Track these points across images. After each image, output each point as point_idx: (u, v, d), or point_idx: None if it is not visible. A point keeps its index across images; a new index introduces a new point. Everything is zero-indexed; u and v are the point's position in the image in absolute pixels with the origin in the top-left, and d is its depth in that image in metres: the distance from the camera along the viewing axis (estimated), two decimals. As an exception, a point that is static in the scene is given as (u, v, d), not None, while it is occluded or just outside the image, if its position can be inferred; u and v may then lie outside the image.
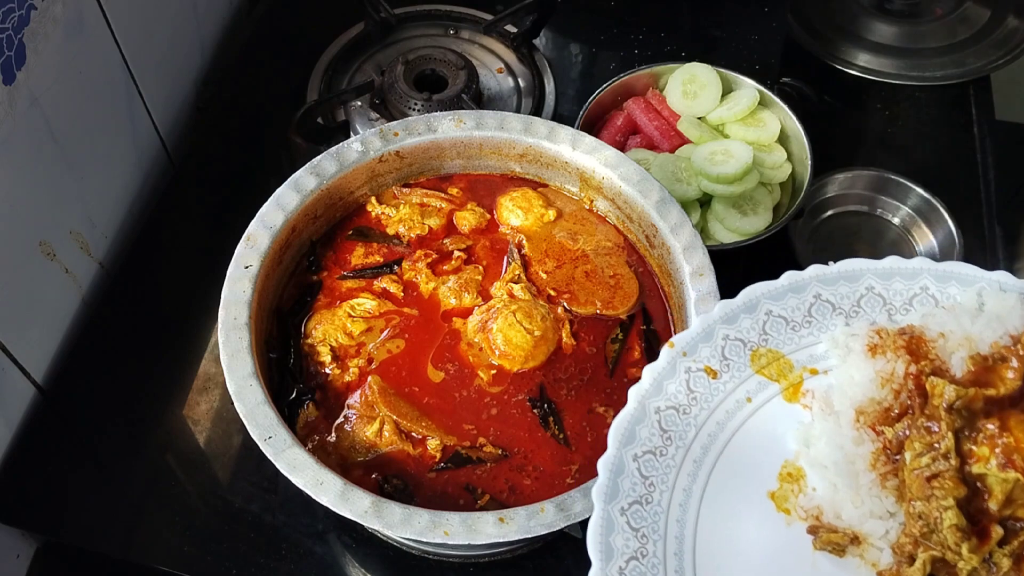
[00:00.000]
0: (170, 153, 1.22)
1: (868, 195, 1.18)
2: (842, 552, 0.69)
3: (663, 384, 0.74)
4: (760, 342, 0.76)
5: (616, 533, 0.68)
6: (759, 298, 0.77)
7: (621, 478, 0.70)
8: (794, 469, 0.73)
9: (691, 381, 0.74)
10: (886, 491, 0.69)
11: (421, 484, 0.81)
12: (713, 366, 0.75)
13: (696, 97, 1.13)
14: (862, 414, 0.72)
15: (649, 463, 0.71)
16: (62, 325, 1.04)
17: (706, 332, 0.76)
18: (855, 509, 0.69)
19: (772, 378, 0.75)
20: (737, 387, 0.75)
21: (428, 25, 1.29)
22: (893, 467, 0.69)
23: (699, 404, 0.74)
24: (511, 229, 0.95)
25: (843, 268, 0.77)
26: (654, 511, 0.70)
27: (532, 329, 0.87)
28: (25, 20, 0.87)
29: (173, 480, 0.95)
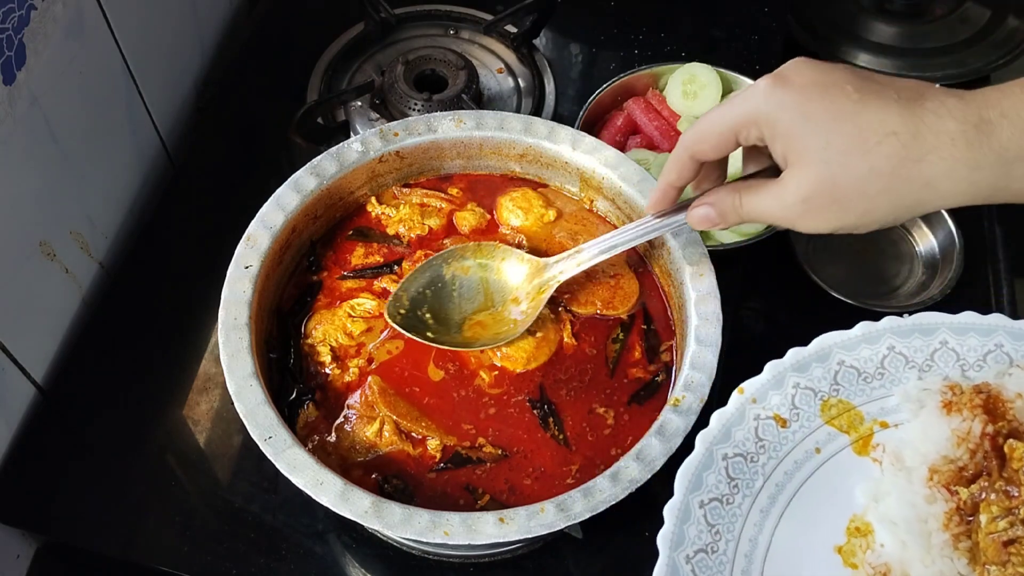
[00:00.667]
0: (170, 153, 1.22)
1: (868, 195, 1.18)
2: None
3: (731, 431, 0.74)
4: (831, 392, 0.76)
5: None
6: (832, 347, 0.77)
7: (687, 525, 0.71)
8: (862, 524, 0.73)
9: (760, 429, 0.75)
10: (958, 552, 0.69)
11: (421, 484, 0.81)
12: (783, 414, 0.75)
13: (696, 97, 1.12)
14: (936, 472, 0.71)
15: (716, 511, 0.72)
16: (62, 325, 1.04)
17: (776, 379, 0.76)
18: (925, 568, 0.69)
19: (842, 429, 0.75)
20: (806, 437, 0.75)
21: (428, 25, 1.29)
22: (966, 528, 0.69)
23: (767, 453, 0.74)
24: (511, 229, 0.95)
25: (918, 321, 0.77)
26: (719, 560, 0.70)
27: (534, 330, 0.87)
28: (25, 20, 0.87)
29: (173, 480, 0.95)
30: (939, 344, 0.77)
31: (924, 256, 1.13)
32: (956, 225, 1.11)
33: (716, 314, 0.83)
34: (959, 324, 0.78)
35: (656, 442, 0.76)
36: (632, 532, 0.91)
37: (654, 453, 0.76)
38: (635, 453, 0.76)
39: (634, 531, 0.91)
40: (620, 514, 0.74)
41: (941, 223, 1.12)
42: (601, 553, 0.91)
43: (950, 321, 0.78)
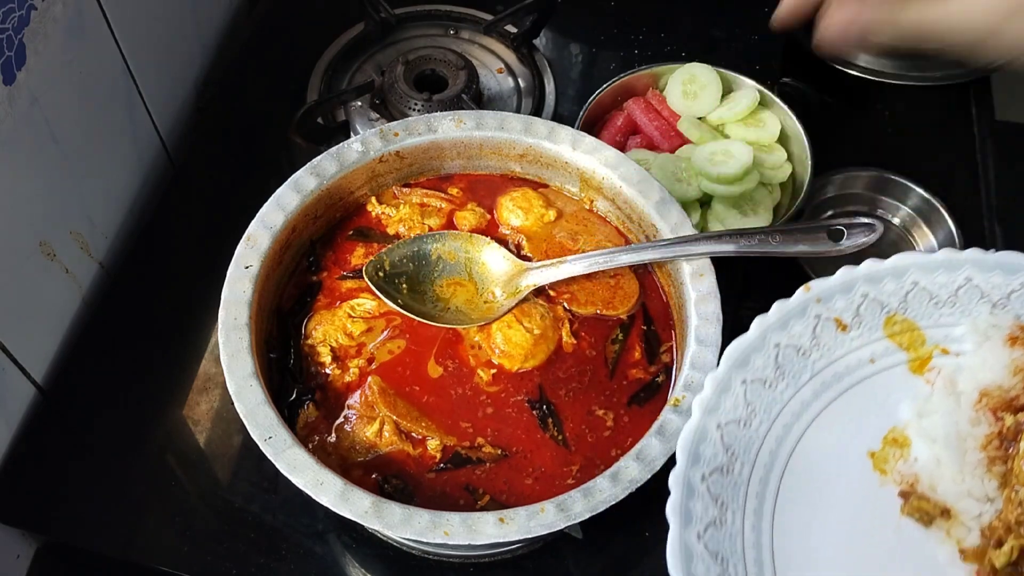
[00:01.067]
0: (170, 153, 1.22)
1: (868, 195, 1.18)
2: (929, 522, 0.69)
3: (790, 322, 0.74)
4: (899, 309, 0.75)
5: (707, 443, 0.69)
6: (909, 266, 0.76)
7: (725, 396, 0.71)
8: (900, 436, 0.73)
9: (819, 327, 0.74)
10: (990, 475, 0.69)
11: (421, 484, 0.81)
12: (844, 319, 0.75)
13: (696, 97, 1.12)
14: (986, 396, 0.71)
15: (756, 390, 0.72)
16: (62, 325, 1.04)
17: (846, 285, 0.75)
18: (954, 485, 0.70)
19: (902, 347, 0.75)
20: (864, 346, 0.75)
21: (428, 25, 1.29)
22: (1004, 454, 0.69)
23: (820, 351, 0.74)
24: (511, 229, 0.95)
25: (1001, 259, 0.76)
26: (750, 435, 0.71)
27: (531, 328, 0.87)
28: (25, 20, 0.87)
29: (173, 480, 0.95)
30: (1019, 285, 0.75)
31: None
32: (956, 225, 1.11)
33: (716, 314, 0.84)
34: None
35: (656, 442, 0.76)
36: (632, 532, 0.91)
37: (654, 453, 0.76)
38: (635, 453, 0.76)
39: (634, 531, 0.91)
40: (620, 514, 0.74)
41: (941, 223, 1.12)
42: (601, 553, 0.91)
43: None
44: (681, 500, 0.68)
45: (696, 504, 0.69)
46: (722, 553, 0.68)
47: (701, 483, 0.69)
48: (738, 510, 0.70)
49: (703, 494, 0.69)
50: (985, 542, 0.68)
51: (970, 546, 0.68)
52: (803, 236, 0.84)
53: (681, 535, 0.68)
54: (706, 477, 0.69)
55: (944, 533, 0.70)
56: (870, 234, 0.82)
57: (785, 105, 1.11)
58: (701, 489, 0.69)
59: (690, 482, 0.69)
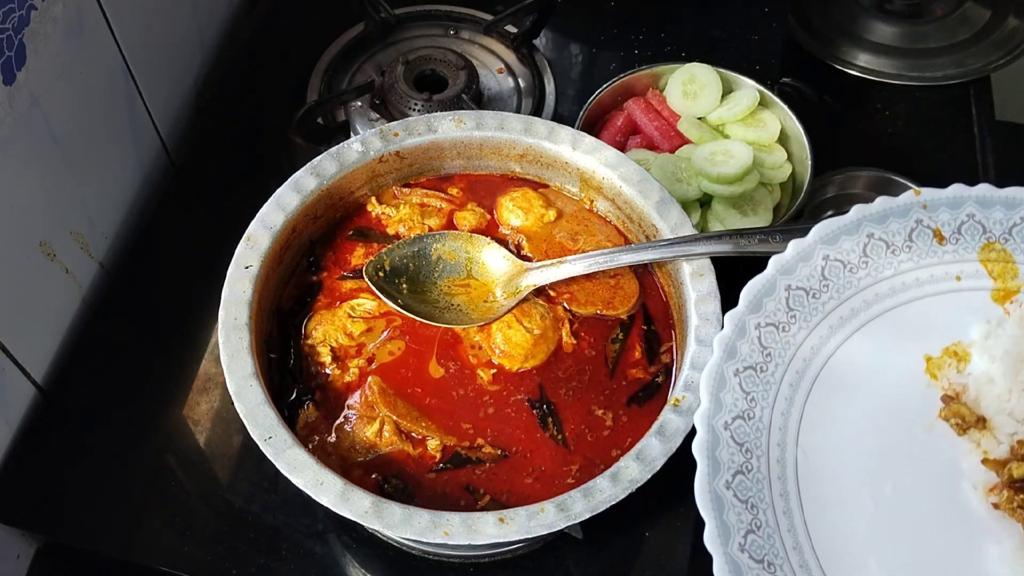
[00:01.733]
0: (170, 153, 1.22)
1: (868, 195, 1.18)
2: (964, 430, 0.71)
3: (888, 219, 0.75)
4: (1000, 238, 0.76)
5: (745, 341, 0.71)
6: (1023, 201, 0.76)
7: (804, 264, 0.73)
8: (962, 350, 0.74)
9: (916, 232, 0.75)
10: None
11: (421, 484, 0.81)
12: (944, 232, 0.76)
13: (696, 97, 1.12)
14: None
15: (835, 270, 0.74)
16: (62, 325, 1.04)
17: (955, 200, 0.76)
18: (998, 402, 0.71)
19: (992, 274, 0.76)
20: (955, 262, 0.76)
21: (428, 25, 1.29)
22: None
23: (911, 254, 0.75)
24: (511, 229, 0.95)
25: None
26: (815, 307, 0.72)
27: (531, 328, 0.87)
28: (25, 20, 0.87)
29: (173, 480, 0.95)
30: None
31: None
32: (956, 225, 1.11)
33: (716, 314, 0.84)
34: None
35: (656, 442, 0.76)
36: (632, 532, 0.91)
37: (654, 453, 0.76)
38: (635, 453, 0.76)
39: (634, 531, 0.91)
40: (620, 514, 0.74)
41: (941, 223, 1.12)
42: (601, 553, 0.91)
43: None
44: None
45: (727, 396, 0.70)
46: (748, 444, 0.69)
47: (735, 376, 0.71)
48: (767, 406, 0.71)
49: (735, 387, 0.70)
50: (1011, 456, 0.70)
51: (996, 456, 0.70)
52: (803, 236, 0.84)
53: (710, 422, 0.69)
54: (740, 372, 0.71)
55: (975, 444, 0.71)
56: None
57: (785, 105, 1.11)
58: (734, 382, 0.70)
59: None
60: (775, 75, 1.26)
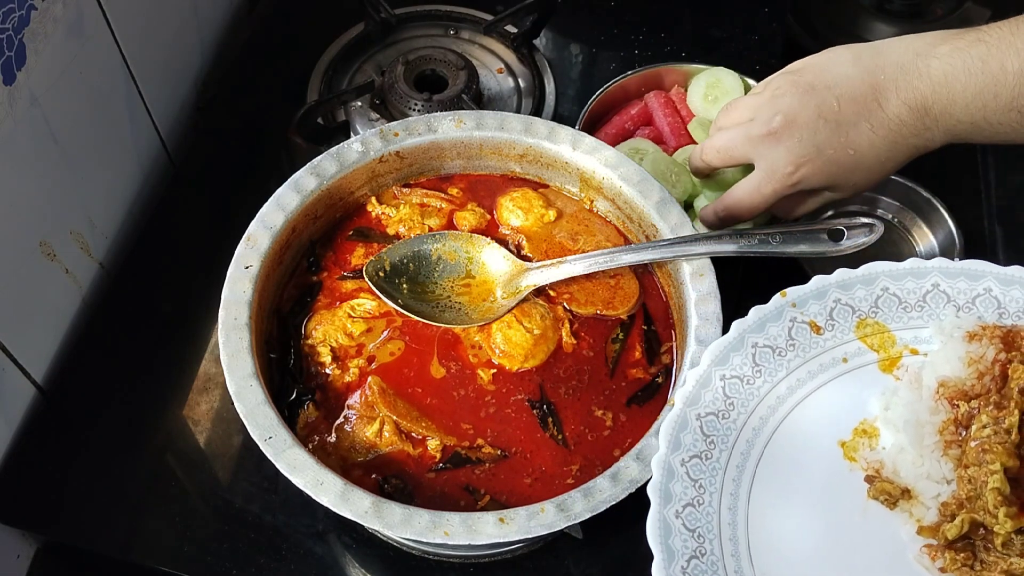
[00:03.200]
0: (170, 153, 1.22)
1: (868, 195, 1.18)
2: (893, 504, 0.74)
3: (766, 325, 0.79)
4: (870, 313, 0.81)
5: (688, 432, 0.75)
6: (879, 275, 0.81)
7: (705, 390, 0.77)
8: (870, 427, 0.78)
9: (793, 330, 0.80)
10: (947, 458, 0.75)
11: (421, 484, 0.81)
12: (818, 322, 0.80)
13: (717, 102, 1.12)
14: (943, 386, 0.77)
15: (734, 386, 0.78)
16: (62, 325, 1.04)
17: (819, 291, 0.81)
18: (914, 468, 0.75)
19: (873, 348, 0.80)
20: (837, 346, 0.80)
21: (428, 25, 1.29)
22: (959, 439, 0.75)
23: (796, 351, 0.79)
24: (511, 229, 0.95)
25: (966, 266, 0.82)
26: (728, 426, 0.76)
27: (531, 328, 0.87)
28: (25, 20, 0.87)
29: (173, 480, 0.95)
30: (983, 290, 0.81)
31: (924, 256, 1.13)
32: (956, 225, 1.11)
33: (716, 314, 0.84)
34: (1006, 276, 0.81)
35: (656, 442, 0.76)
36: (632, 532, 0.91)
37: (654, 453, 0.76)
38: (635, 453, 0.77)
39: (634, 531, 0.90)
40: (620, 514, 0.74)
41: (941, 223, 1.12)
42: (601, 553, 0.91)
43: (998, 272, 0.81)
44: (662, 481, 0.73)
45: (676, 485, 0.73)
46: (699, 530, 0.72)
47: (681, 467, 0.74)
48: (715, 492, 0.74)
49: (683, 476, 0.74)
50: (941, 518, 0.73)
51: (929, 523, 0.73)
52: (803, 236, 0.84)
53: (661, 512, 0.72)
54: (686, 462, 0.74)
55: (907, 514, 0.74)
56: (870, 234, 0.83)
57: None
58: (681, 472, 0.74)
59: (670, 466, 0.74)
60: (775, 75, 1.26)
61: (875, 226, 0.84)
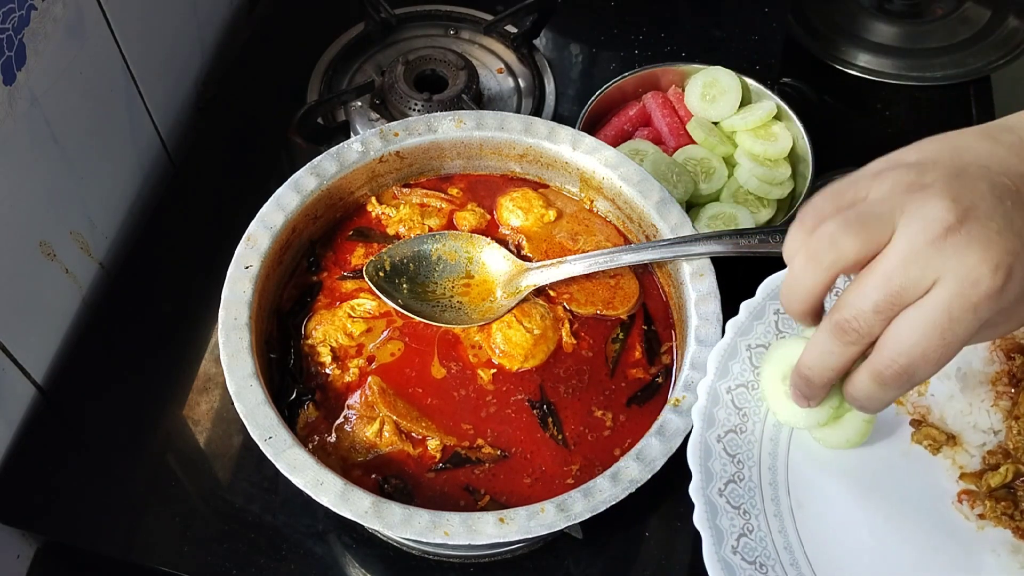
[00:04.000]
0: (170, 153, 1.22)
1: (868, 195, 1.18)
2: (936, 450, 0.75)
3: None
4: None
5: (720, 407, 0.75)
6: None
7: (733, 362, 0.76)
8: None
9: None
10: (996, 409, 0.75)
11: (421, 484, 0.81)
12: None
13: (714, 101, 1.12)
14: (1001, 339, 0.77)
15: (761, 354, 0.76)
16: (62, 325, 1.04)
17: None
18: (962, 417, 0.75)
19: None
20: None
21: (428, 25, 1.29)
22: (1010, 391, 0.75)
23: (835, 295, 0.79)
24: (511, 230, 0.95)
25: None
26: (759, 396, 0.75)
27: (531, 328, 0.87)
28: (25, 20, 0.87)
29: (173, 480, 0.95)
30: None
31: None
32: (956, 225, 1.11)
33: (716, 314, 0.84)
34: None
35: (656, 442, 0.76)
36: (632, 532, 0.91)
37: (654, 453, 0.76)
38: (635, 453, 0.76)
39: (634, 531, 0.91)
40: (620, 514, 0.74)
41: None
42: (601, 553, 0.91)
43: None
44: (706, 406, 0.74)
45: (720, 411, 0.74)
46: (740, 456, 0.73)
47: (727, 394, 0.74)
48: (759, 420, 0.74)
49: (727, 404, 0.74)
50: (985, 467, 0.73)
51: (971, 470, 0.74)
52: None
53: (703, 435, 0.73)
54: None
55: (950, 460, 0.74)
56: None
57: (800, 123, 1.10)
58: (727, 400, 0.74)
59: (716, 392, 0.75)
60: (775, 75, 1.26)
61: None
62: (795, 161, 1.11)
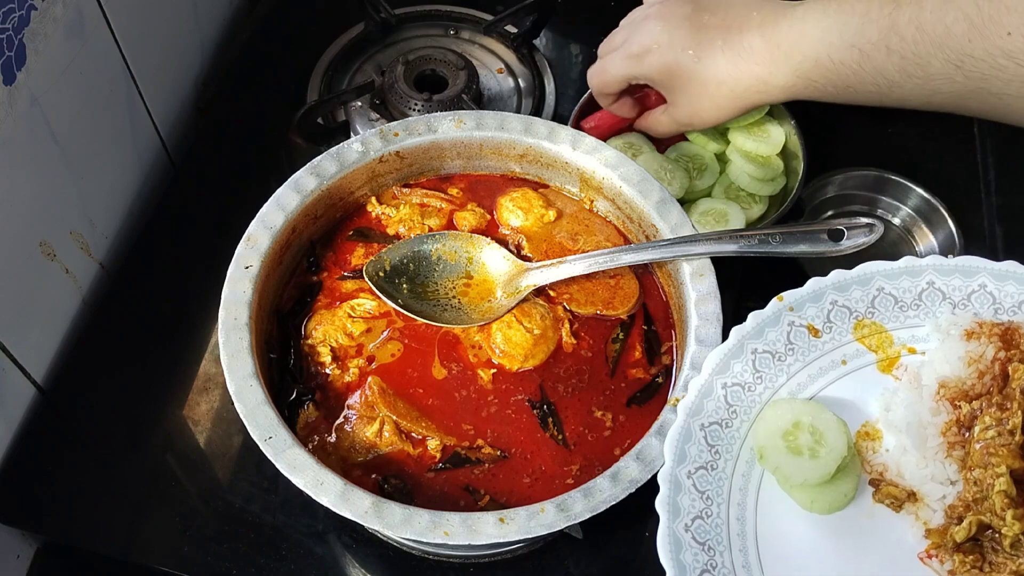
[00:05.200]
0: (170, 153, 1.22)
1: (868, 195, 1.18)
2: (899, 507, 0.74)
3: (765, 330, 0.79)
4: (866, 314, 0.81)
5: (692, 443, 0.75)
6: (874, 274, 0.81)
7: (708, 400, 0.76)
8: (872, 430, 0.78)
9: (792, 334, 0.80)
10: (951, 459, 0.74)
11: (421, 484, 0.81)
12: (816, 325, 0.80)
13: None
14: (944, 387, 0.77)
15: (736, 394, 0.78)
16: (62, 325, 1.04)
17: (816, 294, 0.81)
18: (918, 470, 0.75)
19: (871, 348, 0.80)
20: (835, 349, 0.80)
21: (428, 25, 1.29)
22: (962, 439, 0.75)
23: (795, 355, 0.79)
24: (511, 230, 0.95)
25: (960, 263, 0.81)
26: (731, 435, 0.76)
27: (531, 328, 0.87)
28: (25, 20, 0.87)
29: (173, 480, 0.95)
30: (978, 286, 0.81)
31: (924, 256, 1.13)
32: (956, 225, 1.11)
33: (716, 314, 0.84)
34: (1000, 271, 0.81)
35: (656, 442, 0.76)
36: (632, 532, 0.91)
37: (654, 453, 0.76)
38: (635, 453, 0.76)
39: (634, 531, 0.91)
40: (620, 514, 0.74)
41: (941, 223, 1.12)
42: (601, 553, 0.91)
43: (992, 267, 0.81)
44: (670, 495, 0.73)
45: (683, 499, 0.73)
46: (709, 542, 0.72)
47: (687, 479, 0.74)
48: (723, 503, 0.74)
49: (690, 489, 0.73)
50: (948, 521, 0.73)
51: (936, 526, 0.73)
52: (803, 236, 0.84)
53: (670, 526, 0.72)
54: (692, 474, 0.74)
55: (913, 516, 0.74)
56: (870, 234, 0.83)
57: (793, 120, 1.10)
58: (687, 484, 0.74)
59: (677, 479, 0.74)
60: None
61: (875, 226, 0.84)
62: (787, 158, 1.11)
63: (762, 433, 0.76)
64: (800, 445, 0.75)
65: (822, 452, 0.74)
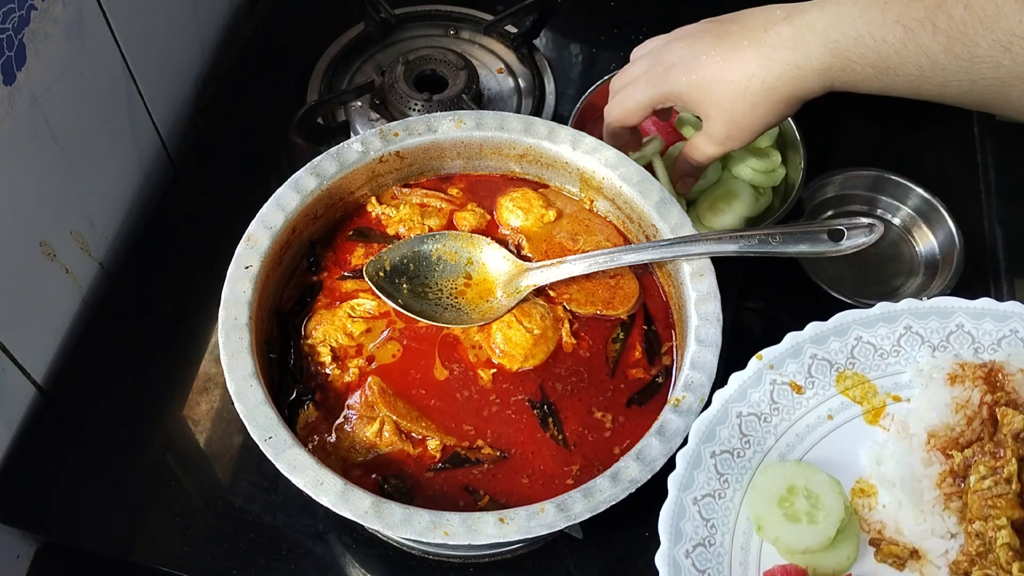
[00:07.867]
0: (170, 153, 1.22)
1: (868, 195, 1.18)
2: (901, 566, 0.72)
3: (747, 391, 0.78)
4: (847, 365, 0.80)
5: (687, 519, 0.72)
6: (850, 324, 0.80)
7: (697, 471, 0.74)
8: (866, 486, 0.76)
9: (775, 393, 0.78)
10: (949, 511, 0.72)
11: (421, 484, 0.81)
12: (798, 382, 0.79)
13: None
14: (933, 437, 0.75)
15: (726, 461, 0.75)
16: (62, 325, 1.04)
17: (795, 349, 0.80)
18: (917, 526, 0.73)
19: (856, 400, 0.79)
20: (820, 404, 0.79)
21: (428, 25, 1.29)
22: (958, 489, 0.73)
23: (781, 415, 0.78)
24: (511, 230, 0.95)
25: (936, 304, 0.81)
26: (725, 506, 0.74)
27: (531, 328, 0.87)
28: (25, 20, 0.87)
29: (173, 480, 0.95)
30: (955, 327, 0.80)
31: (924, 256, 1.13)
32: (956, 225, 1.11)
33: (716, 314, 0.84)
34: (976, 309, 0.80)
35: (656, 442, 0.76)
36: (632, 532, 0.91)
37: (654, 453, 0.76)
38: (635, 453, 0.76)
39: (634, 531, 0.91)
40: (620, 514, 0.74)
41: (941, 223, 1.12)
42: (601, 553, 0.91)
43: (967, 306, 0.81)
44: (669, 571, 0.71)
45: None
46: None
47: (686, 559, 0.72)
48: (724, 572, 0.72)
49: (689, 569, 0.72)
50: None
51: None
52: (803, 236, 0.84)
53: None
54: (690, 553, 0.72)
55: (918, 574, 0.72)
56: (870, 234, 0.83)
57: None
58: (687, 565, 0.72)
59: (676, 560, 0.72)
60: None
61: (875, 226, 0.84)
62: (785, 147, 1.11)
63: (757, 502, 0.74)
64: (797, 511, 0.73)
65: (820, 516, 0.72)
